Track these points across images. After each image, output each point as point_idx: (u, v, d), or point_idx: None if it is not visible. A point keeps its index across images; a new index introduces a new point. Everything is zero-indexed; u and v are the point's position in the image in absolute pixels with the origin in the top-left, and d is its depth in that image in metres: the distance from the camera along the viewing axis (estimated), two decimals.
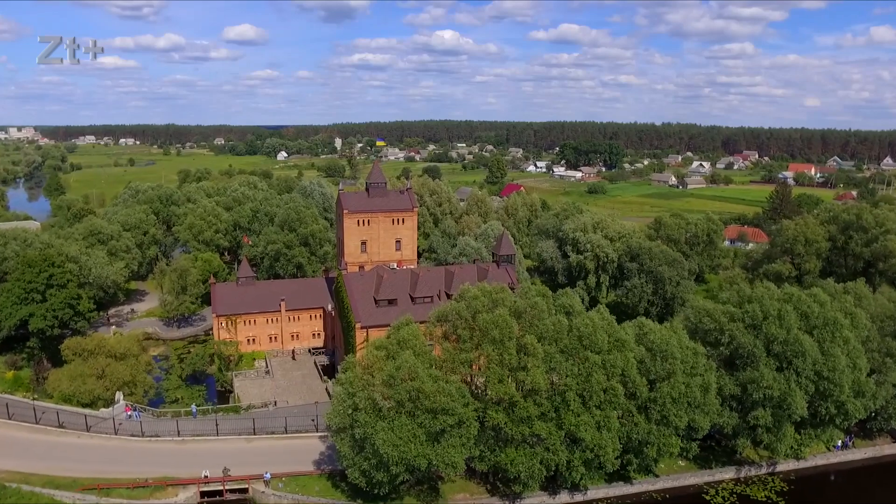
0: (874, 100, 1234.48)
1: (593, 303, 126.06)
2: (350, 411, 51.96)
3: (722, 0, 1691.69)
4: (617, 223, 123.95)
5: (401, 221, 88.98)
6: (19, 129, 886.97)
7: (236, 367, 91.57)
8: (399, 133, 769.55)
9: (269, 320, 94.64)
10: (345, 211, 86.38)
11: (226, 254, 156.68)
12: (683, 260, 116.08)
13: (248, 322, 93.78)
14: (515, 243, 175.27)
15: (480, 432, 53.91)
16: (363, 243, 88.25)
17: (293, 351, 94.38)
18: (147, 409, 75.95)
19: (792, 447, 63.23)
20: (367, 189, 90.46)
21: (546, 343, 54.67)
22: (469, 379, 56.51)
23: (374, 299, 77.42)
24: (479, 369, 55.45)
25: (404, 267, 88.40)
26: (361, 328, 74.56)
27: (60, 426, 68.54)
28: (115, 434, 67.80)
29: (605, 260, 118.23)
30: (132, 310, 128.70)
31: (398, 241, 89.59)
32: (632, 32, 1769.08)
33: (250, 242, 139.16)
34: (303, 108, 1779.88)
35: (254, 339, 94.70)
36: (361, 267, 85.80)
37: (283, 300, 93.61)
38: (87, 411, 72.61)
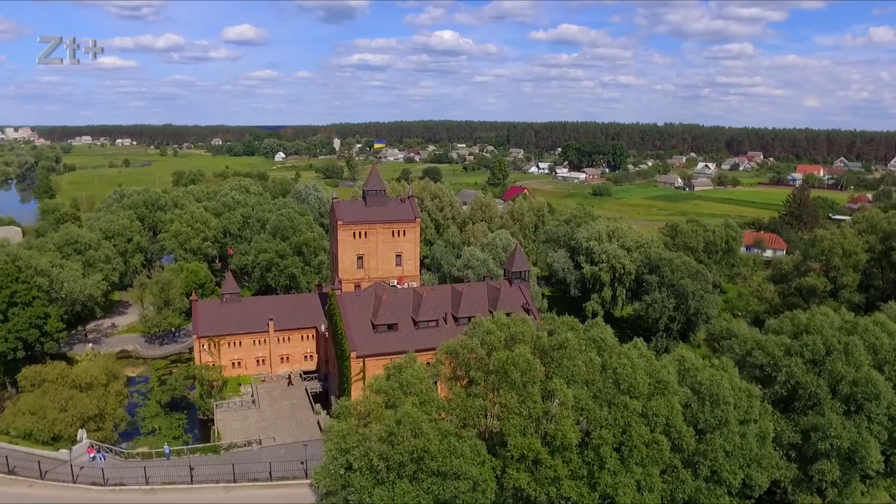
0: (873, 100, 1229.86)
1: (608, 317, 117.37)
2: (342, 471, 43.05)
3: (721, 0, 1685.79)
4: (634, 232, 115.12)
5: (402, 233, 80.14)
6: (16, 129, 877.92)
7: (220, 393, 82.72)
8: (399, 133, 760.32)
9: (257, 342, 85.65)
10: (339, 222, 77.46)
11: (216, 261, 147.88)
12: (707, 272, 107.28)
13: (232, 344, 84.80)
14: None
15: (498, 494, 45.04)
16: (359, 258, 79.41)
17: (289, 376, 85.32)
18: (113, 450, 66.95)
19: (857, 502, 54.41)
20: (363, 197, 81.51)
21: (576, 387, 45.78)
22: (483, 428, 47.59)
23: (372, 324, 68.49)
24: (497, 418, 46.57)
25: (405, 285, 79.62)
26: (357, 358, 65.67)
27: (11, 472, 59.62)
28: (74, 482, 58.85)
29: (622, 272, 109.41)
30: (113, 324, 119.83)
31: (399, 256, 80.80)
32: (631, 33, 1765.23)
33: (233, 254, 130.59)
34: (302, 108, 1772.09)
35: (239, 363, 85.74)
36: (357, 286, 76.78)
37: (271, 319, 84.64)
38: (43, 452, 63.71)
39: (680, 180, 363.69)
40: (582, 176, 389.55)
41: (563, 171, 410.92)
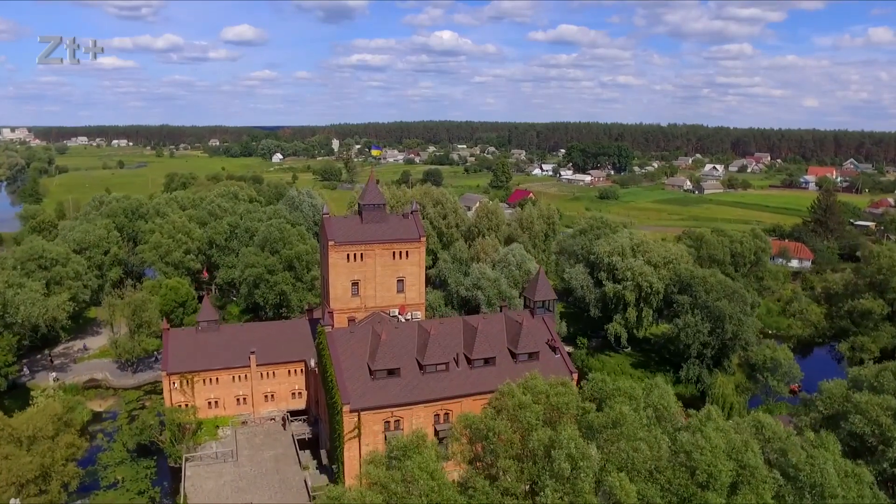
0: (872, 100, 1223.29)
1: (632, 339, 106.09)
2: None
3: (720, 0, 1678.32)
4: (661, 246, 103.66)
5: (404, 255, 68.71)
6: (13, 129, 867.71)
7: (193, 437, 71.39)
8: (398, 134, 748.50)
9: (237, 378, 74.22)
10: (330, 242, 66.00)
11: (204, 270, 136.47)
12: (744, 292, 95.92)
13: (208, 381, 73.38)
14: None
15: None
16: (354, 284, 67.98)
17: (284, 418, 73.93)
18: None
19: None
20: (359, 212, 70.06)
21: (639, 479, 34.54)
22: None
23: (369, 368, 57.10)
24: None
25: (408, 315, 68.26)
26: (351, 412, 54.31)
27: None
28: None
29: (649, 291, 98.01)
30: (84, 346, 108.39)
31: (400, 281, 69.39)
32: (630, 33, 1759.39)
33: (208, 276, 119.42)
34: (302, 108, 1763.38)
35: (216, 402, 74.31)
36: (352, 319, 65.30)
37: (252, 353, 73.20)
38: None
39: (689, 183, 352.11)
40: (587, 178, 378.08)
41: (567, 173, 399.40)
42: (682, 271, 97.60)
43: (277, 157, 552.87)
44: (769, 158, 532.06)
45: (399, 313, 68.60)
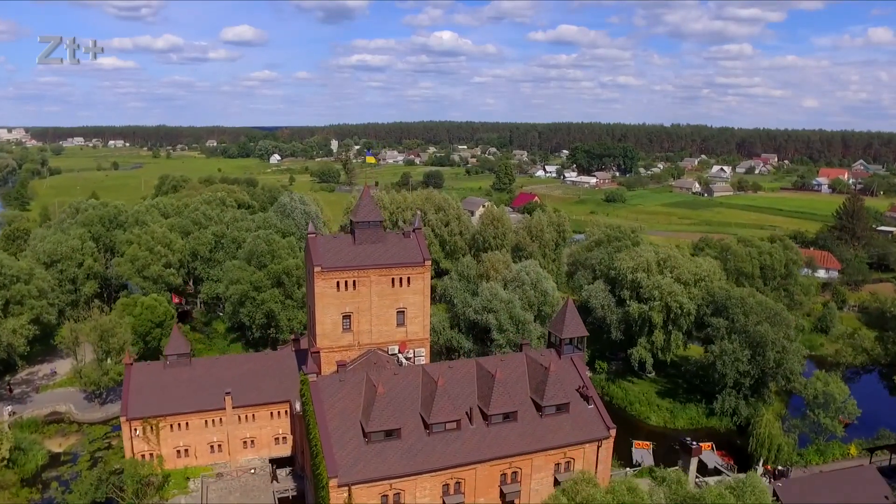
0: (872, 100, 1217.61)
1: (659, 366, 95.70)
2: None
3: (720, 0, 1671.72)
4: (690, 261, 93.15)
5: (405, 282, 58.13)
6: (9, 130, 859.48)
7: (159, 493, 61.02)
8: (398, 135, 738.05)
9: (210, 422, 63.71)
10: (317, 268, 55.45)
11: (189, 283, 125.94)
12: (788, 315, 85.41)
13: (176, 426, 62.89)
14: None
15: None
16: (346, 317, 57.42)
17: (273, 471, 63.50)
18: None
19: None
20: (351, 231, 59.33)
21: None
22: None
23: (362, 427, 46.50)
24: None
25: (409, 354, 57.77)
26: (339, 486, 43.70)
27: None
28: None
29: (679, 312, 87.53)
30: (53, 371, 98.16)
31: (401, 313, 58.82)
32: (630, 33, 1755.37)
33: (193, 290, 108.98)
34: (302, 109, 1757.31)
35: (186, 451, 63.80)
36: (342, 364, 54.51)
37: (228, 393, 62.68)
38: None
39: (697, 185, 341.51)
40: (592, 180, 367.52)
41: (571, 175, 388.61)
42: (716, 290, 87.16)
43: (275, 158, 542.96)
44: (776, 159, 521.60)
45: (399, 352, 58.13)
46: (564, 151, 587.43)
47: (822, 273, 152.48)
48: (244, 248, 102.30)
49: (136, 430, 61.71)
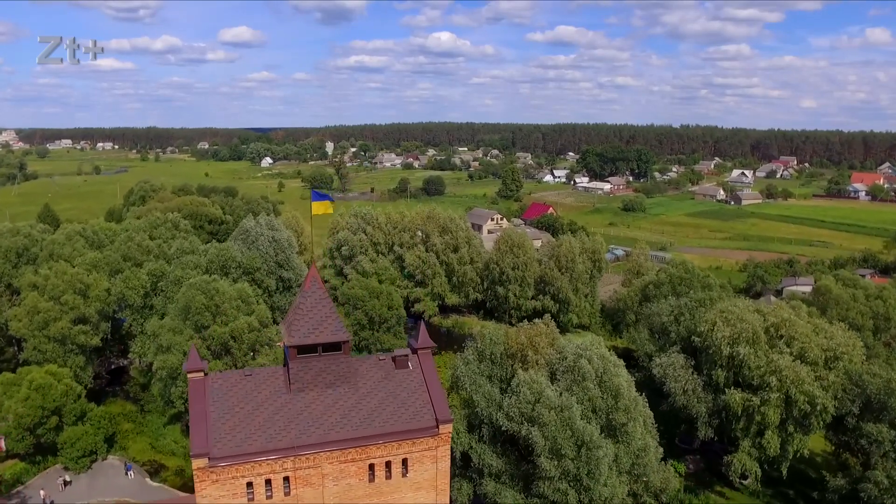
0: (870, 101, 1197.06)
1: (770, 481, 67.24)
2: None
3: (718, 1, 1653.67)
4: (816, 329, 64.44)
5: (398, 468, 28.26)
6: (0, 132, 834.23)
7: None
8: (396, 136, 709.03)
9: None
10: (197, 461, 25.72)
11: (115, 342, 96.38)
12: None
13: None
14: (572, 310, 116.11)
15: None
16: None
17: None
18: None
19: None
20: (284, 363, 27.89)
21: None
22: None
23: None
24: None
25: None
26: None
27: None
28: None
29: (809, 409, 58.92)
30: None
31: None
32: (628, 34, 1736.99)
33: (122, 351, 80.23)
34: (300, 110, 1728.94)
35: None
36: None
37: None
38: None
39: (722, 192, 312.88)
40: (606, 186, 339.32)
41: (583, 181, 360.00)
42: (865, 378, 58.64)
43: (267, 161, 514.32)
44: (796, 162, 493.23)
45: None
46: (570, 154, 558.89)
47: None
48: (176, 300, 73.64)
49: None
